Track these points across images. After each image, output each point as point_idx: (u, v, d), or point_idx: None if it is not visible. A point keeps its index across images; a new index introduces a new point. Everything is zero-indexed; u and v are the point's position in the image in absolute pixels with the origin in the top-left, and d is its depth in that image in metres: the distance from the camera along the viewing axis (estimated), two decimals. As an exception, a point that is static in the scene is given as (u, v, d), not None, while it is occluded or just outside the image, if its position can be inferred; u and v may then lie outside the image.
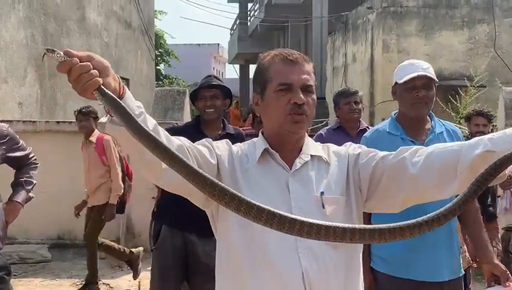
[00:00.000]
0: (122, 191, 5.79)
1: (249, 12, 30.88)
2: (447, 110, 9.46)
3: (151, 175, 1.64)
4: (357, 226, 1.40)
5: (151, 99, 15.31)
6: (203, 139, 1.82)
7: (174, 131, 3.79)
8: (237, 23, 32.12)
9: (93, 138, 5.77)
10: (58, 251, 6.74)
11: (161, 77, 25.81)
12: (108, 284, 5.97)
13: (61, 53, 1.41)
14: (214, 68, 47.41)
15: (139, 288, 5.70)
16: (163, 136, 1.60)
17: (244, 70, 34.66)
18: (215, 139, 3.77)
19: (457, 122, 8.88)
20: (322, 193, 1.74)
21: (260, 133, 1.87)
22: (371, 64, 13.37)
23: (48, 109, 9.51)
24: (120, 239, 7.04)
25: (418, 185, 1.67)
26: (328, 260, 1.70)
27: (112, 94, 1.44)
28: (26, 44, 9.07)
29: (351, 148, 1.86)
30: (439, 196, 1.66)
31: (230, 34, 35.16)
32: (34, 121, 7.41)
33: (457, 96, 10.04)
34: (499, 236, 4.67)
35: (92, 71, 1.43)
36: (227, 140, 1.87)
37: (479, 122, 5.30)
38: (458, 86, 10.96)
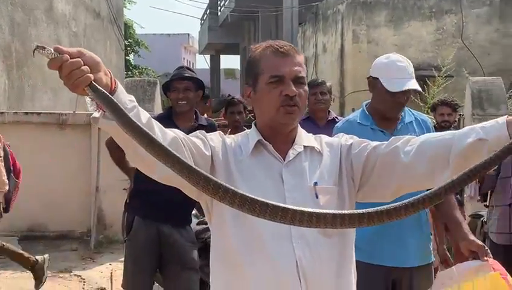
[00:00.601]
0: (7, 188, 5.24)
1: (219, 2, 30.76)
2: (415, 100, 9.58)
3: (145, 168, 1.66)
4: (346, 211, 1.45)
5: (121, 90, 15.28)
6: (197, 131, 1.83)
7: None
8: (207, 13, 31.96)
9: None
10: (28, 243, 6.67)
11: (130, 68, 25.60)
12: (79, 275, 5.96)
13: (52, 50, 1.42)
14: (184, 58, 47.12)
15: (111, 279, 5.69)
16: (157, 129, 1.61)
17: (215, 61, 34.54)
18: (188, 130, 3.83)
19: (425, 112, 9.01)
20: (315, 183, 1.77)
21: (253, 125, 1.88)
22: (341, 55, 13.47)
23: (15, 100, 9.38)
24: (91, 230, 7.02)
25: (410, 174, 1.71)
26: (320, 248, 1.73)
27: (103, 90, 1.44)
28: (-8, 34, 8.94)
29: (343, 138, 1.88)
30: (431, 184, 1.67)
31: (201, 24, 34.97)
32: (2, 112, 7.31)
33: (425, 87, 10.19)
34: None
35: (83, 67, 1.43)
36: (220, 132, 1.89)
37: (444, 111, 5.42)
38: (426, 76, 11.10)
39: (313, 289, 1.71)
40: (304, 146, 1.84)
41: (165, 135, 1.63)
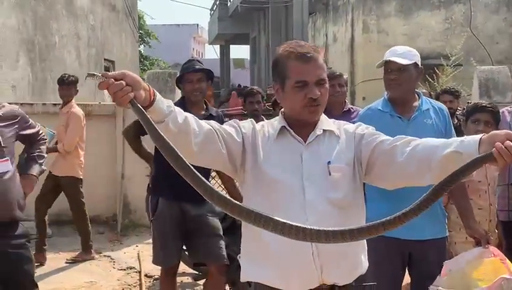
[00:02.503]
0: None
1: (228, -7, 30.91)
2: (425, 89, 9.85)
3: (189, 160, 1.94)
4: (336, 229, 1.77)
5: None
6: (231, 120, 2.16)
7: None
8: (217, 3, 32.12)
9: (68, 108, 6.15)
10: (58, 227, 7.02)
11: (141, 59, 25.86)
12: (109, 256, 6.30)
13: (100, 75, 1.76)
14: (193, 49, 47.27)
15: (139, 259, 6.05)
16: (195, 124, 1.96)
17: (224, 51, 34.73)
18: (200, 118, 4.20)
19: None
20: (329, 162, 2.08)
21: (280, 113, 2.19)
22: (351, 45, 13.71)
23: (39, 92, 9.73)
24: (117, 215, 7.36)
25: (402, 172, 2.02)
26: (331, 217, 2.01)
27: (140, 106, 1.79)
28: (17, 29, 9.26)
29: (359, 128, 2.18)
30: (418, 183, 2.03)
31: (210, 14, 35.14)
32: (32, 104, 7.65)
33: (434, 76, 10.43)
34: None
35: (125, 88, 1.76)
36: (252, 120, 2.19)
37: (446, 99, 5.80)
38: (436, 65, 11.34)
39: (323, 254, 2.00)
40: (324, 130, 2.14)
41: (201, 128, 1.97)
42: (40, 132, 3.74)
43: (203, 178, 1.76)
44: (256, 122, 2.19)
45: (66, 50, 10.80)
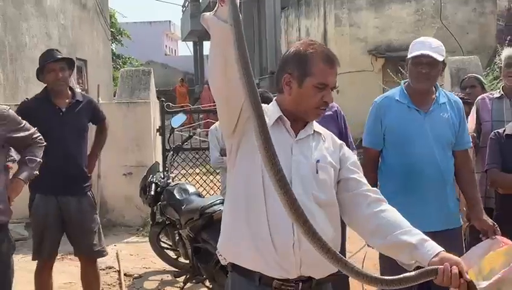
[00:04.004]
0: None
1: (200, -11, 30.82)
2: (398, 80, 9.95)
3: (221, 75, 1.92)
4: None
5: (109, 80, 15.45)
6: None
7: (24, 107, 4.23)
8: (189, 0, 32.01)
9: None
10: (34, 230, 6.96)
11: (114, 58, 25.61)
12: (87, 257, 6.26)
13: None
14: (166, 46, 47.06)
15: (118, 258, 6.03)
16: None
17: (197, 48, 34.63)
18: (66, 107, 4.29)
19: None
20: (317, 161, 2.14)
21: (274, 100, 2.21)
22: (324, 38, 13.78)
23: (11, 93, 9.61)
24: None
25: (359, 222, 2.15)
26: (317, 216, 2.06)
27: None
28: (-14, 29, 9.14)
29: (346, 148, 2.27)
30: (364, 238, 2.19)
31: (182, 11, 34.99)
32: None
33: (406, 67, 10.53)
34: None
35: None
36: None
37: None
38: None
39: (304, 247, 2.02)
40: (314, 130, 2.21)
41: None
42: (36, 135, 3.62)
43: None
44: None
45: (38, 50, 10.65)
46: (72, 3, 12.71)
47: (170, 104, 7.91)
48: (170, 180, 5.32)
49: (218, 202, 4.47)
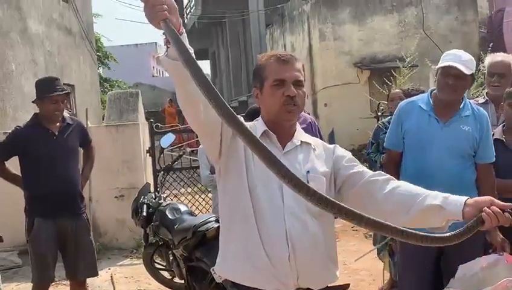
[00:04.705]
0: None
1: (185, 10, 30.97)
2: (384, 91, 10.04)
3: (193, 111, 1.97)
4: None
5: (98, 104, 15.45)
6: None
7: (16, 134, 4.39)
8: (174, 21, 32.12)
9: None
10: (28, 257, 6.92)
11: (101, 81, 25.62)
12: (82, 281, 6.23)
13: None
14: (153, 67, 47.09)
15: (112, 282, 6.01)
16: None
17: (184, 68, 34.71)
18: (58, 130, 4.41)
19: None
20: (307, 172, 2.16)
21: (260, 118, 2.25)
22: (310, 53, 13.88)
23: (-2, 121, 9.61)
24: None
25: (377, 207, 2.10)
26: (311, 226, 2.09)
27: (173, 28, 1.79)
28: (-28, 58, 9.15)
29: (338, 149, 2.28)
30: (390, 220, 2.10)
31: (168, 32, 35.11)
32: (-7, 133, 7.56)
33: (391, 78, 10.65)
34: None
35: (164, 5, 1.79)
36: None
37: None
38: (392, 67, 11.58)
39: (299, 259, 2.07)
40: (301, 141, 2.23)
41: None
42: None
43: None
44: None
45: (24, 77, 10.69)
46: (58, 30, 12.75)
47: (159, 124, 7.92)
48: (162, 200, 5.32)
49: (210, 219, 4.48)
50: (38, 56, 11.52)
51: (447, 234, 1.88)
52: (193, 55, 1.76)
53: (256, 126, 2.22)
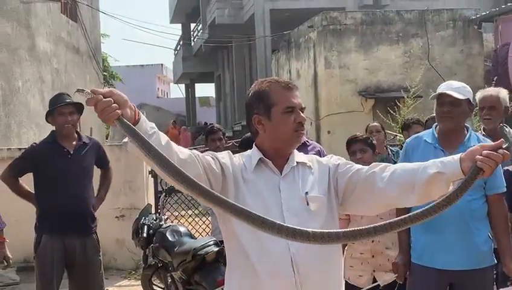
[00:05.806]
0: None
1: (192, 33, 31.20)
2: (387, 120, 10.06)
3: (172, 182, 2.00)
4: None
5: (102, 123, 15.47)
6: (208, 152, 2.21)
7: (31, 150, 4.43)
8: (181, 43, 32.37)
9: None
10: (26, 274, 6.90)
11: (107, 100, 25.69)
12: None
13: (89, 91, 1.80)
14: (158, 88, 47.34)
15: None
16: (175, 148, 1.99)
17: (189, 90, 34.87)
18: (73, 149, 4.40)
19: (398, 131, 9.49)
20: (306, 193, 2.16)
21: (254, 146, 2.26)
22: (315, 80, 13.94)
23: (3, 137, 9.64)
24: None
25: (383, 196, 2.11)
26: (313, 247, 2.06)
27: (128, 122, 1.82)
28: (-20, 74, 9.22)
29: (332, 159, 2.28)
30: (400, 205, 2.16)
31: (174, 54, 35.33)
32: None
33: (396, 108, 10.68)
34: None
35: (113, 105, 1.80)
36: (229, 151, 2.27)
37: (417, 129, 5.92)
38: (396, 97, 11.61)
39: (302, 270, 2.08)
40: (297, 162, 2.24)
41: (183, 152, 2.01)
42: None
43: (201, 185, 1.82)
44: None
45: (30, 94, 10.75)
46: (65, 48, 12.86)
47: (162, 146, 7.93)
48: (162, 222, 5.32)
49: (210, 243, 4.48)
50: (45, 74, 11.60)
51: (448, 193, 1.87)
52: (151, 143, 1.81)
53: (251, 156, 2.23)
